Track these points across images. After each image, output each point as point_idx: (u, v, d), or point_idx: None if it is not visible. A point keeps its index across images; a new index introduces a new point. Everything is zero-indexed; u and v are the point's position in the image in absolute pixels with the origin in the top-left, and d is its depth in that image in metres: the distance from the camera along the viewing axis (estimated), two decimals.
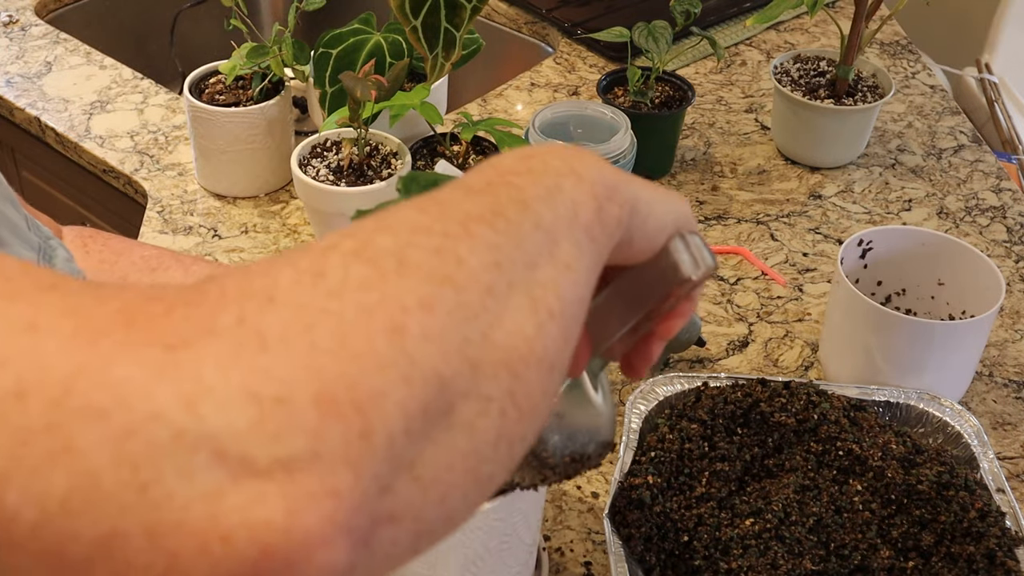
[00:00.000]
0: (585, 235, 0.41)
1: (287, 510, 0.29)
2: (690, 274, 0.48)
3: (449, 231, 0.37)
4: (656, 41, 1.23)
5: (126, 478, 0.28)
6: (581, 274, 0.40)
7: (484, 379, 0.35)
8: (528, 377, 0.36)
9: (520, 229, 0.39)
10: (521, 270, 0.38)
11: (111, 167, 1.29)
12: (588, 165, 0.44)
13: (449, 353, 0.33)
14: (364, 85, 1.03)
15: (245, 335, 0.30)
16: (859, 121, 1.29)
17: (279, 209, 1.23)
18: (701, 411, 0.88)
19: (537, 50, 1.62)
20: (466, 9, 1.12)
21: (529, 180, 0.41)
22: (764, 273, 1.16)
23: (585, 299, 0.41)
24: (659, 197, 0.47)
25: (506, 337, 0.36)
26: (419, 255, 0.35)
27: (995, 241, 1.22)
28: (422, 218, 0.37)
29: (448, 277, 0.35)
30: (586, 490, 0.91)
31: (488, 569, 0.70)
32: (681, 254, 0.48)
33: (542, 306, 0.38)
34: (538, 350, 0.37)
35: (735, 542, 0.78)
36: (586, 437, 0.58)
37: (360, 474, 0.30)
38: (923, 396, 0.92)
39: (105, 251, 0.81)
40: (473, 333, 0.35)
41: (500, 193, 0.40)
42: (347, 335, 0.31)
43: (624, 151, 1.13)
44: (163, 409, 0.29)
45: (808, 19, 1.64)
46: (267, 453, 0.29)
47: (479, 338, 0.35)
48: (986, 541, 0.78)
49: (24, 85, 1.42)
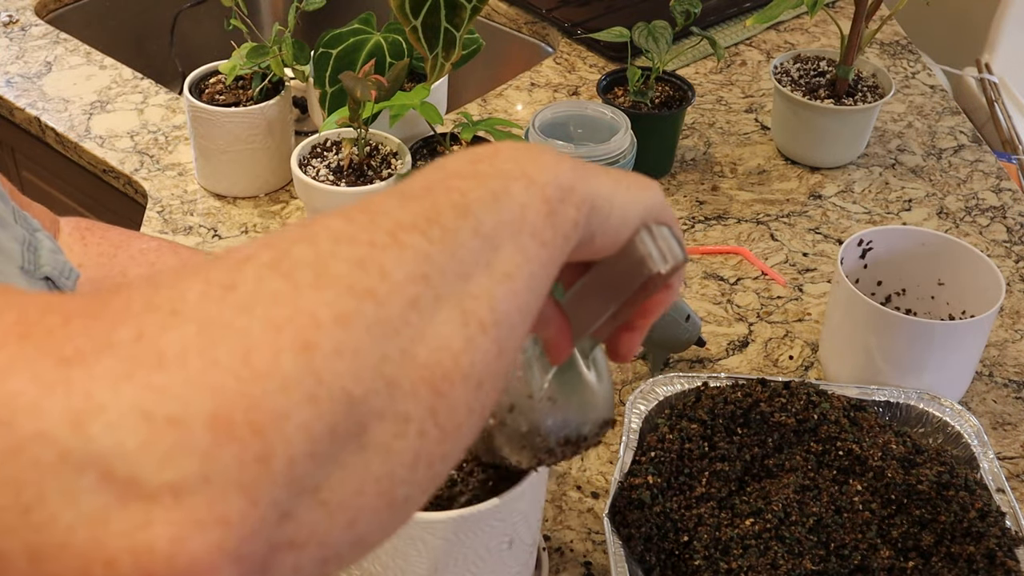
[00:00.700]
0: (533, 240, 0.40)
1: (172, 537, 0.28)
2: (658, 268, 0.48)
3: (376, 241, 0.35)
4: (656, 41, 1.23)
5: (9, 499, 0.27)
6: (523, 282, 0.39)
7: (402, 398, 0.33)
8: (452, 395, 0.35)
9: (456, 237, 0.37)
10: (452, 281, 0.36)
11: (111, 167, 1.29)
12: (542, 166, 0.42)
13: (363, 371, 0.32)
14: (364, 85, 1.03)
15: (142, 351, 0.29)
16: (859, 121, 1.29)
17: (279, 209, 1.23)
18: (701, 411, 0.88)
19: (537, 50, 1.62)
20: (466, 9, 1.12)
21: (474, 184, 0.40)
22: (764, 273, 1.16)
23: (530, 307, 0.40)
24: (622, 190, 0.46)
25: (430, 353, 0.34)
26: (339, 267, 0.33)
27: (995, 241, 1.22)
28: (348, 227, 0.35)
29: (369, 290, 0.33)
30: (586, 490, 0.91)
31: (488, 569, 0.70)
32: (648, 247, 0.48)
33: (473, 319, 0.36)
34: (464, 366, 0.35)
35: (735, 542, 0.78)
36: (581, 418, 0.58)
37: (255, 499, 0.29)
38: (923, 396, 0.92)
39: (104, 243, 0.80)
40: (392, 349, 0.33)
41: (439, 198, 0.38)
42: (251, 352, 0.30)
43: (624, 151, 1.13)
44: (50, 427, 0.27)
45: (808, 19, 1.64)
46: (156, 476, 0.28)
47: (399, 355, 0.33)
48: (986, 541, 0.78)
49: (24, 85, 1.42)
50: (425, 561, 0.66)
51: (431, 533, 0.65)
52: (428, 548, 0.66)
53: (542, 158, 0.43)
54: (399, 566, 0.67)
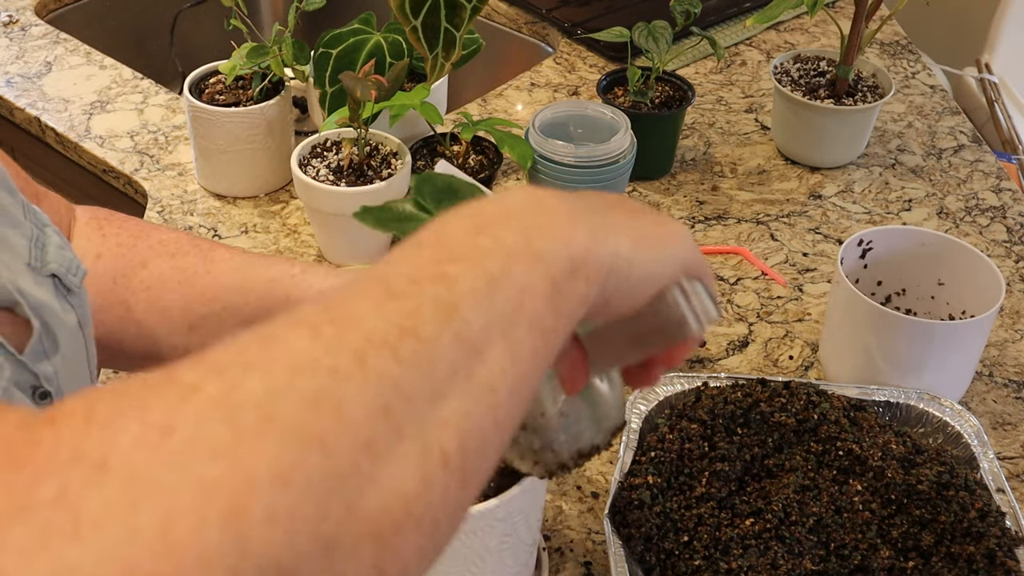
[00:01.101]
0: (530, 332, 0.37)
1: None
2: (691, 331, 0.46)
3: (339, 366, 0.32)
4: (656, 41, 1.23)
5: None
6: (507, 391, 0.35)
7: (341, 558, 0.30)
8: (399, 544, 0.32)
9: (433, 349, 0.34)
10: (420, 408, 0.33)
11: (111, 167, 1.29)
12: (553, 235, 0.38)
13: (298, 535, 0.29)
14: (364, 85, 1.03)
15: (60, 517, 0.27)
16: (859, 121, 1.29)
17: (279, 209, 1.23)
18: (701, 411, 0.88)
19: (537, 50, 1.62)
20: (466, 9, 1.12)
21: (468, 268, 0.36)
22: (764, 273, 1.16)
23: (515, 410, 0.37)
24: (646, 247, 0.42)
25: (378, 502, 0.31)
26: (290, 406, 0.30)
27: (995, 241, 1.22)
28: (311, 348, 0.32)
29: (318, 437, 0.30)
30: (586, 490, 0.91)
31: (488, 569, 0.70)
32: (683, 309, 0.45)
33: (434, 453, 0.33)
34: (418, 511, 0.32)
35: (735, 542, 0.78)
36: (594, 430, 0.57)
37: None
38: (923, 396, 0.92)
39: (122, 233, 0.78)
40: (336, 506, 0.30)
41: (424, 295, 0.35)
42: (174, 520, 0.27)
43: (624, 151, 1.13)
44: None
45: (808, 19, 1.64)
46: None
47: (342, 511, 0.30)
48: (986, 541, 0.78)
49: (24, 85, 1.42)
50: None
51: None
52: None
53: (554, 224, 0.39)
54: None
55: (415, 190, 0.62)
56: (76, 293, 0.63)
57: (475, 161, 1.18)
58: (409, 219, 0.61)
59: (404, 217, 0.61)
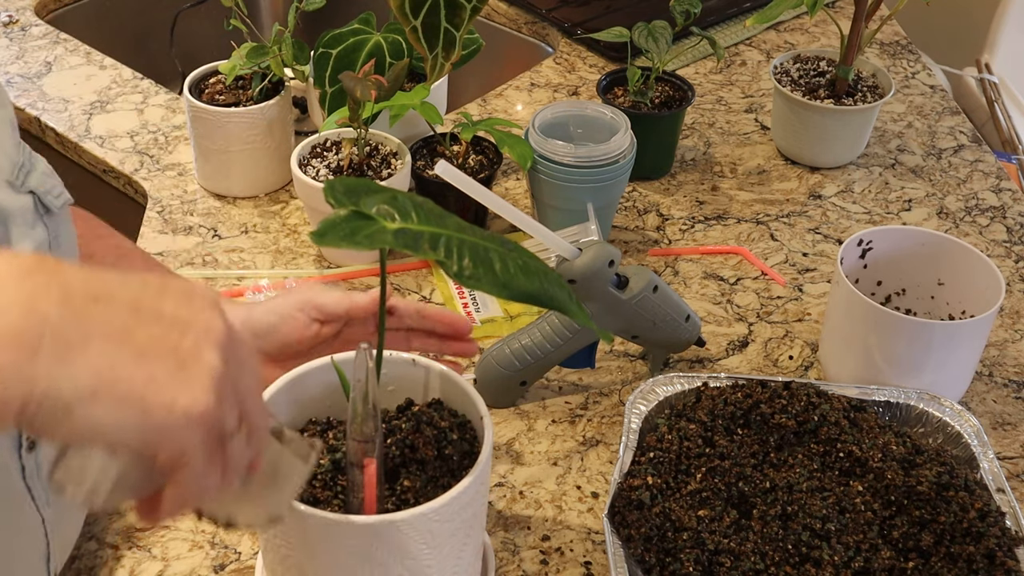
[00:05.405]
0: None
1: None
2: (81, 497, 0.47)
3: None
4: (656, 41, 1.23)
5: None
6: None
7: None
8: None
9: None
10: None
11: (111, 167, 1.29)
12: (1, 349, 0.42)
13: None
14: (364, 85, 1.03)
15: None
16: (859, 121, 1.29)
17: (279, 209, 1.23)
18: (701, 411, 0.88)
19: (537, 50, 1.62)
20: (466, 9, 1.12)
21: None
22: (764, 273, 1.16)
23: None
24: (103, 400, 0.42)
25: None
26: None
27: (995, 241, 1.22)
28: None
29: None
30: (586, 490, 0.91)
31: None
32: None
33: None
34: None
35: (735, 543, 0.78)
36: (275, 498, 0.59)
37: None
38: (923, 396, 0.92)
39: (83, 226, 0.81)
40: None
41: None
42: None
43: (624, 151, 1.13)
44: None
45: (808, 19, 1.64)
46: None
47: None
48: (986, 541, 0.78)
49: (24, 85, 1.42)
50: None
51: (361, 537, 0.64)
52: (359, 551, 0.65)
53: (10, 344, 0.41)
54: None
55: (328, 194, 0.59)
56: (54, 215, 0.66)
57: (475, 161, 1.18)
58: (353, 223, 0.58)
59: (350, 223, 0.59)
